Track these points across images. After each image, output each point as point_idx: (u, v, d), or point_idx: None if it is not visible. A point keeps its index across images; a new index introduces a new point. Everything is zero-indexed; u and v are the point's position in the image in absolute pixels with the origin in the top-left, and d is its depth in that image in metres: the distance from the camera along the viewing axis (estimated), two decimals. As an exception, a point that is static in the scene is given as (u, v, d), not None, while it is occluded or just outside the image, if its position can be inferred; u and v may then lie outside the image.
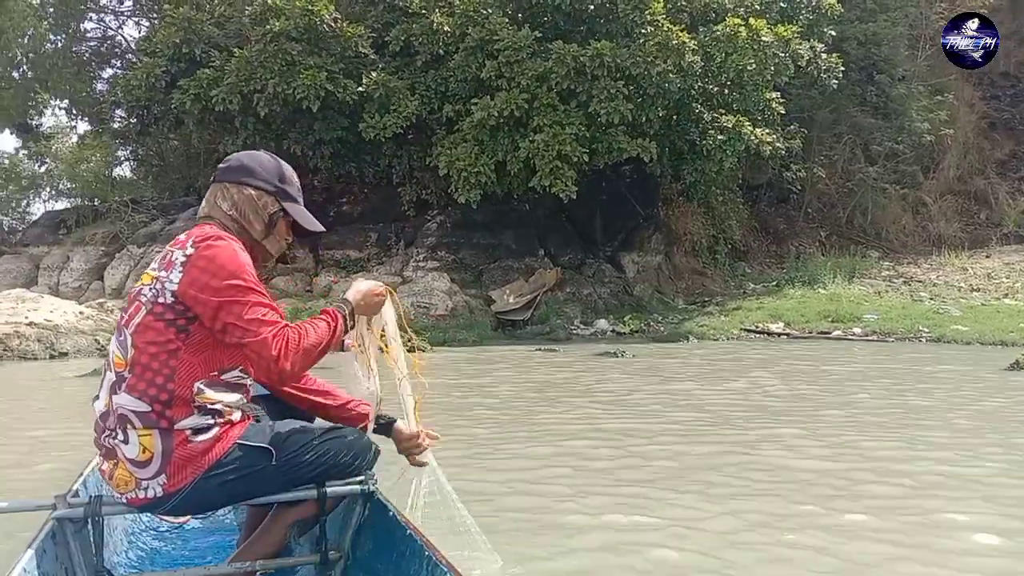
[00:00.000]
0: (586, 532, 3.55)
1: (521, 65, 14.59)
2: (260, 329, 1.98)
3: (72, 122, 23.40)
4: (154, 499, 2.08)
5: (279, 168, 2.35)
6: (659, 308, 16.64)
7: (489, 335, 14.28)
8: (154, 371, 2.05)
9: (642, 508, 3.91)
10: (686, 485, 4.36)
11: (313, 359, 2.07)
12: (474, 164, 14.76)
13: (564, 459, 5.07)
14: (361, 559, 2.39)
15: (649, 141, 14.77)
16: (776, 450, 5.30)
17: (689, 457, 5.12)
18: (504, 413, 6.90)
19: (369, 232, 18.41)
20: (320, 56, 15.47)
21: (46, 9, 20.20)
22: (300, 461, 2.18)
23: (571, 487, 4.33)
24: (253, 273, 2.12)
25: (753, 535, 3.52)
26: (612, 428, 6.13)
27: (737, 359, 11.16)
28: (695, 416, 6.68)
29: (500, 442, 5.65)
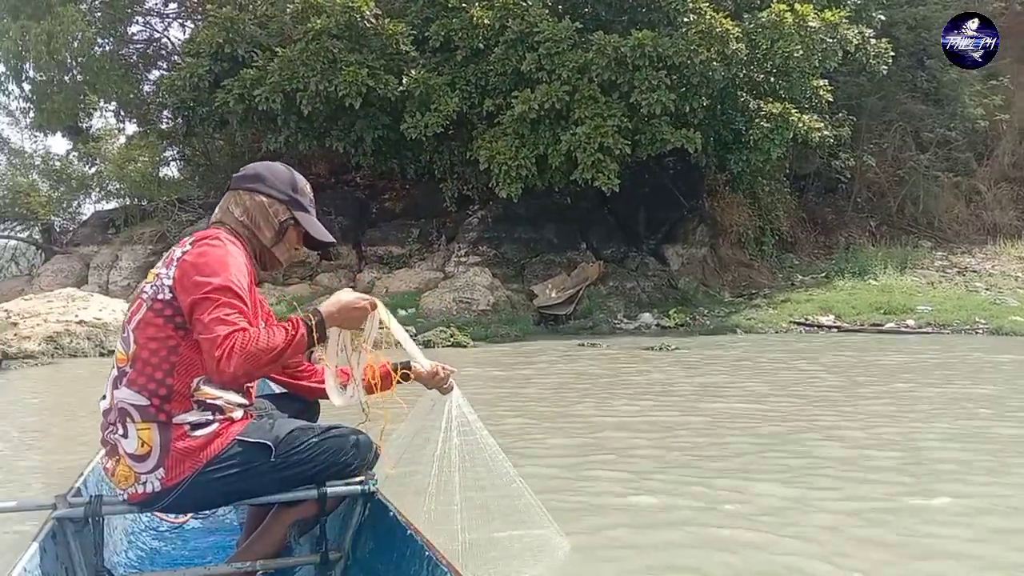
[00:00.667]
0: (656, 517, 3.61)
1: (562, 57, 14.44)
2: (216, 328, 1.95)
3: (120, 124, 23.79)
4: (152, 494, 2.08)
5: (292, 178, 2.39)
6: (705, 301, 16.37)
7: (531, 330, 14.19)
8: (154, 366, 2.07)
9: (706, 495, 3.92)
10: (746, 473, 4.28)
11: (261, 364, 1.99)
12: (515, 158, 14.65)
13: (623, 450, 4.98)
14: (361, 559, 2.38)
15: (693, 131, 14.51)
16: (842, 448, 5.13)
17: (747, 447, 4.99)
18: (548, 405, 6.81)
19: (411, 228, 18.45)
20: (361, 53, 15.50)
21: (94, 14, 20.56)
22: (299, 459, 2.17)
23: (627, 474, 4.24)
24: (241, 276, 2.10)
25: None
26: (663, 421, 6.00)
27: (789, 352, 10.91)
28: (748, 408, 6.52)
29: (542, 435, 5.55)
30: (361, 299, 2.26)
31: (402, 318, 14.18)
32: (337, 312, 2.19)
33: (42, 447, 5.88)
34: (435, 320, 14.00)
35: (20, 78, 20.15)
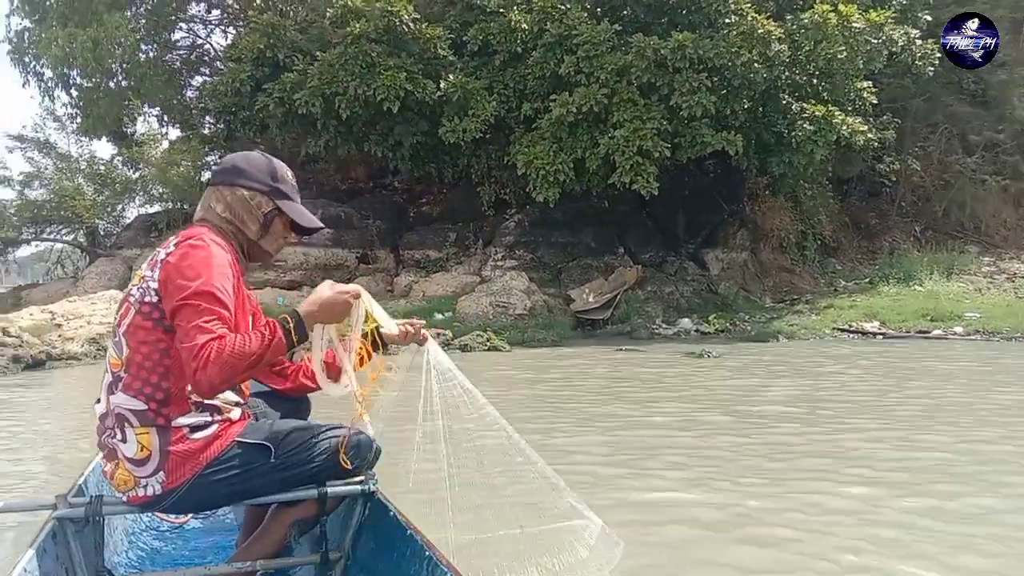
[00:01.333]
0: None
1: (600, 59, 14.34)
2: (196, 337, 1.92)
3: (163, 129, 24.18)
4: (153, 497, 2.07)
5: (272, 167, 2.31)
6: (745, 307, 16.13)
7: (568, 335, 14.06)
8: (148, 370, 2.04)
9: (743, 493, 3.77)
10: (777, 473, 4.16)
11: (238, 371, 1.95)
12: (552, 162, 14.58)
13: (666, 450, 4.86)
14: (362, 559, 2.37)
15: (735, 134, 14.31)
16: (890, 450, 4.97)
17: (789, 451, 4.85)
18: (586, 405, 6.71)
19: (448, 232, 18.47)
20: (399, 57, 15.55)
21: (138, 21, 20.92)
22: (299, 459, 2.16)
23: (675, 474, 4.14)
24: (223, 279, 2.05)
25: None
26: (705, 420, 5.87)
27: (833, 359, 10.66)
28: (792, 411, 6.36)
29: (578, 432, 5.46)
30: (343, 292, 2.17)
31: (439, 322, 14.24)
32: (318, 310, 2.12)
33: (60, 445, 5.93)
34: (472, 324, 13.96)
35: (67, 84, 20.56)
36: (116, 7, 19.39)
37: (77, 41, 18.13)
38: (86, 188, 22.52)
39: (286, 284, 16.70)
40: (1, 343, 11.05)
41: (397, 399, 2.34)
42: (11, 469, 5.13)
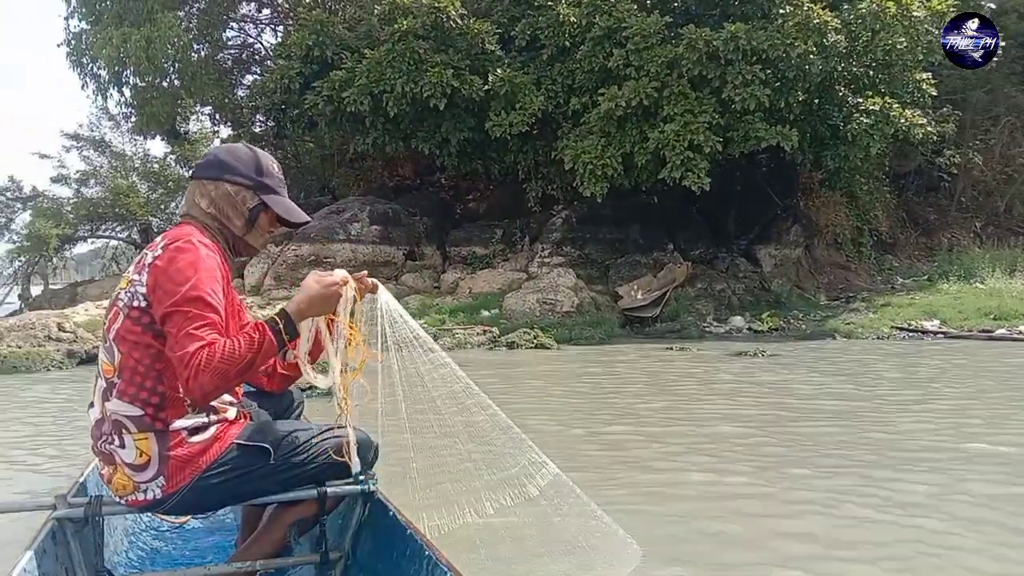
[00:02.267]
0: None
1: (650, 52, 14.10)
2: (187, 344, 1.89)
3: (215, 127, 24.56)
4: (153, 501, 2.06)
5: (257, 160, 2.26)
6: (799, 304, 15.75)
7: (616, 332, 13.85)
8: (142, 375, 2.02)
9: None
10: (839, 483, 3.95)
11: (231, 378, 1.92)
12: (600, 157, 14.38)
13: (720, 457, 4.68)
14: (361, 559, 2.38)
15: (789, 128, 13.93)
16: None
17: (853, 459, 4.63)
18: (635, 405, 6.54)
19: (495, 228, 18.38)
20: (447, 53, 15.50)
21: (190, 21, 21.24)
22: (299, 460, 2.15)
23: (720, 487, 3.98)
24: (212, 282, 2.01)
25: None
26: (760, 417, 5.66)
27: (895, 358, 10.30)
28: (853, 408, 6.11)
29: (640, 444, 5.30)
30: (331, 284, 2.12)
31: (485, 318, 14.16)
32: (307, 306, 2.09)
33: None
34: (518, 322, 13.84)
35: (121, 84, 20.94)
36: (169, 7, 19.70)
37: (131, 41, 18.44)
38: (140, 186, 22.99)
39: (334, 281, 16.72)
40: (57, 338, 11.25)
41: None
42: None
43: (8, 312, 19.18)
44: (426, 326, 12.74)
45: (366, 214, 17.65)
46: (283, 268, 17.04)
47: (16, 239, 22.26)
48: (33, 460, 5.25)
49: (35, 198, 22.65)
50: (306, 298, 2.07)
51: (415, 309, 14.86)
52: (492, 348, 12.15)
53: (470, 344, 12.29)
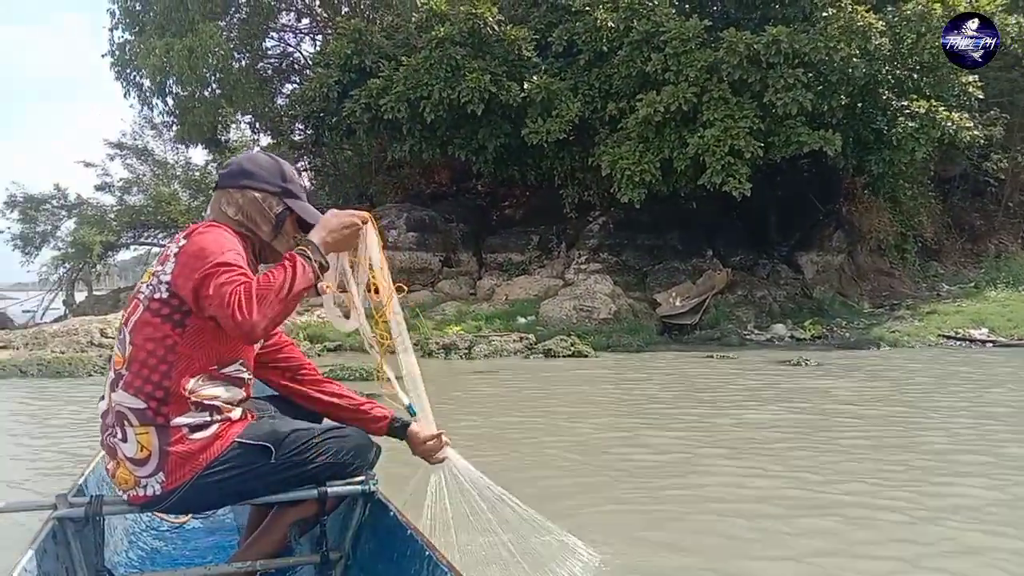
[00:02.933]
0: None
1: (689, 56, 13.95)
2: (222, 290, 1.92)
3: (255, 136, 24.84)
4: (153, 497, 2.07)
5: (280, 167, 2.32)
6: (842, 312, 15.43)
7: (655, 340, 13.67)
8: (151, 368, 2.04)
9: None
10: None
11: (274, 306, 1.92)
12: (638, 162, 14.25)
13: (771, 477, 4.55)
14: (362, 559, 2.37)
15: (832, 133, 13.66)
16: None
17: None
18: (676, 414, 6.41)
19: (531, 235, 18.32)
20: (484, 59, 15.49)
21: (231, 30, 21.52)
22: (300, 460, 2.15)
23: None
24: (236, 254, 2.04)
25: None
26: (810, 428, 5.50)
27: (944, 367, 10.02)
28: (912, 417, 5.92)
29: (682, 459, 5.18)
30: (350, 217, 2.15)
31: (521, 325, 14.08)
32: (328, 236, 2.10)
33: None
34: (555, 328, 13.74)
35: (164, 93, 21.29)
36: (210, 17, 19.98)
37: (173, 51, 18.73)
38: (181, 193, 23.28)
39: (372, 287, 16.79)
40: (99, 343, 11.41)
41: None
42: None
43: (53, 318, 19.55)
44: (462, 333, 12.80)
45: (403, 221, 17.70)
46: (321, 275, 17.11)
47: (61, 246, 22.69)
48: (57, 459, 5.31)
49: (80, 206, 23.07)
50: (325, 227, 2.11)
51: (452, 316, 14.86)
52: (528, 355, 12.07)
53: (506, 351, 12.21)
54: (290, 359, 2.45)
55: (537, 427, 6.33)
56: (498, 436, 5.97)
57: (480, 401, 7.83)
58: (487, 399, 7.97)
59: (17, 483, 4.66)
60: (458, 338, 12.57)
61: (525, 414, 6.95)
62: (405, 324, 2.33)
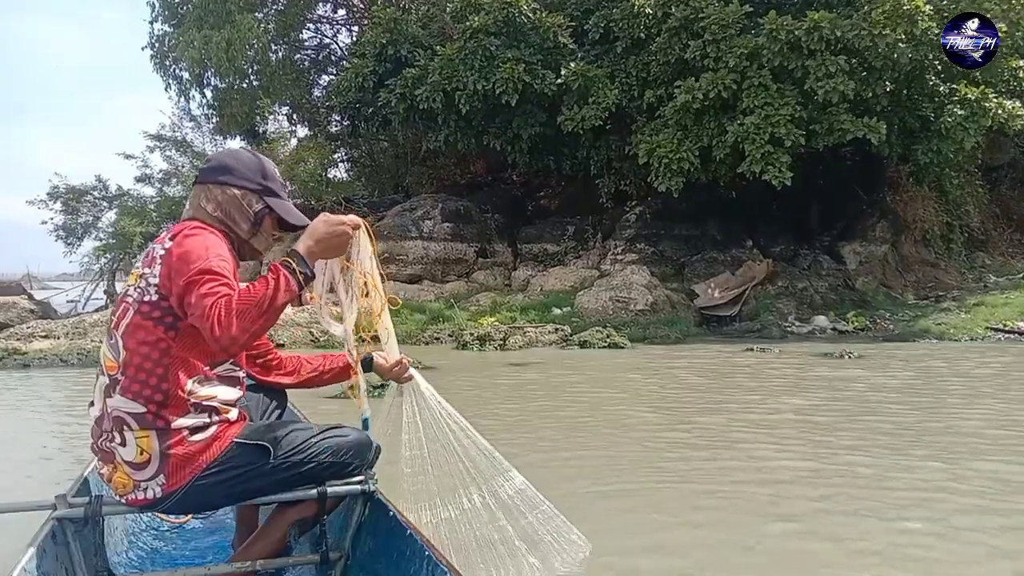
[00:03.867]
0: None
1: (729, 43, 13.67)
2: (202, 303, 1.91)
3: (292, 127, 24.98)
4: (153, 499, 2.07)
5: (261, 165, 2.31)
6: (886, 304, 15.07)
7: (692, 332, 13.47)
8: (147, 371, 2.03)
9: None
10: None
11: (254, 321, 1.90)
12: (676, 151, 14.03)
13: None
14: (362, 559, 2.38)
15: (877, 120, 13.30)
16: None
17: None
18: (713, 406, 6.26)
19: (566, 225, 18.18)
20: (519, 49, 15.35)
21: (268, 22, 21.60)
22: (299, 460, 2.17)
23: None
24: (221, 260, 2.02)
25: None
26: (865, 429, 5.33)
27: (997, 361, 9.69)
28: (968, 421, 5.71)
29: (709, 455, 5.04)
30: (338, 222, 2.10)
31: (557, 317, 13.96)
32: (315, 245, 2.05)
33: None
34: (591, 319, 13.61)
35: (202, 85, 21.45)
36: (248, 9, 20.06)
37: (212, 43, 18.85)
38: (220, 185, 23.38)
39: (407, 278, 16.83)
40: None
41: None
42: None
43: (94, 308, 19.85)
44: (497, 324, 12.71)
45: (438, 211, 17.66)
46: (357, 265, 17.16)
47: (102, 237, 23.00)
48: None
49: (120, 197, 23.35)
50: (312, 235, 2.06)
51: (486, 307, 14.79)
52: (564, 346, 11.95)
53: (541, 343, 12.11)
54: (259, 346, 2.50)
55: (572, 416, 6.22)
56: (529, 425, 5.87)
57: (514, 391, 7.73)
58: (520, 389, 7.87)
59: (54, 476, 4.67)
60: (492, 329, 12.49)
61: (560, 402, 6.85)
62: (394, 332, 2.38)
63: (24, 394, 8.10)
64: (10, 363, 10.13)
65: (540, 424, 6.08)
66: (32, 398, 7.91)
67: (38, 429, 6.23)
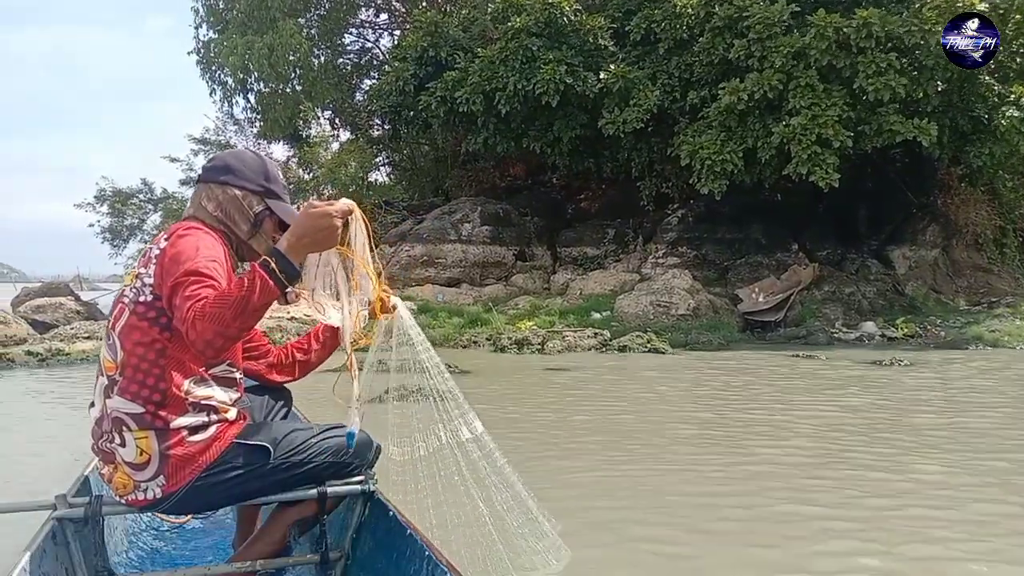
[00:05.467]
0: None
1: (774, 42, 13.38)
2: (184, 304, 1.86)
3: (335, 131, 25.15)
4: (153, 500, 2.06)
5: (264, 166, 2.30)
6: (936, 310, 14.65)
7: (736, 338, 13.18)
8: (144, 372, 2.02)
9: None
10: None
11: (227, 320, 1.80)
12: (720, 152, 13.77)
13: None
14: (361, 559, 2.38)
15: (927, 122, 12.90)
16: None
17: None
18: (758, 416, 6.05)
19: (606, 228, 18.00)
20: (560, 50, 15.23)
21: (311, 27, 21.80)
22: (299, 460, 2.17)
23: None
24: (211, 261, 1.98)
25: None
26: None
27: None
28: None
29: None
30: (323, 214, 1.88)
31: (596, 321, 13.78)
32: (297, 241, 1.87)
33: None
34: (631, 324, 13.40)
35: (246, 90, 21.69)
36: (291, 14, 20.24)
37: (254, 48, 19.04)
38: (262, 188, 23.63)
39: (445, 281, 16.79)
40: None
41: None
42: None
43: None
44: (535, 328, 12.57)
45: (477, 214, 17.60)
46: (396, 268, 17.18)
47: (147, 239, 23.43)
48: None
49: (165, 199, 23.77)
50: (298, 229, 1.88)
51: (524, 310, 14.67)
52: (603, 351, 11.77)
53: (580, 347, 11.94)
54: (251, 339, 2.48)
55: (614, 427, 6.07)
56: (568, 433, 5.73)
57: (552, 396, 7.59)
58: (557, 393, 7.73)
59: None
60: (531, 333, 12.36)
61: (600, 408, 6.69)
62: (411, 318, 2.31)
63: (63, 394, 8.16)
64: (53, 363, 10.25)
65: (580, 435, 5.93)
66: (68, 397, 7.96)
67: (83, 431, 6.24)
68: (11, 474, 4.61)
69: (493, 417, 5.98)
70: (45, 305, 15.46)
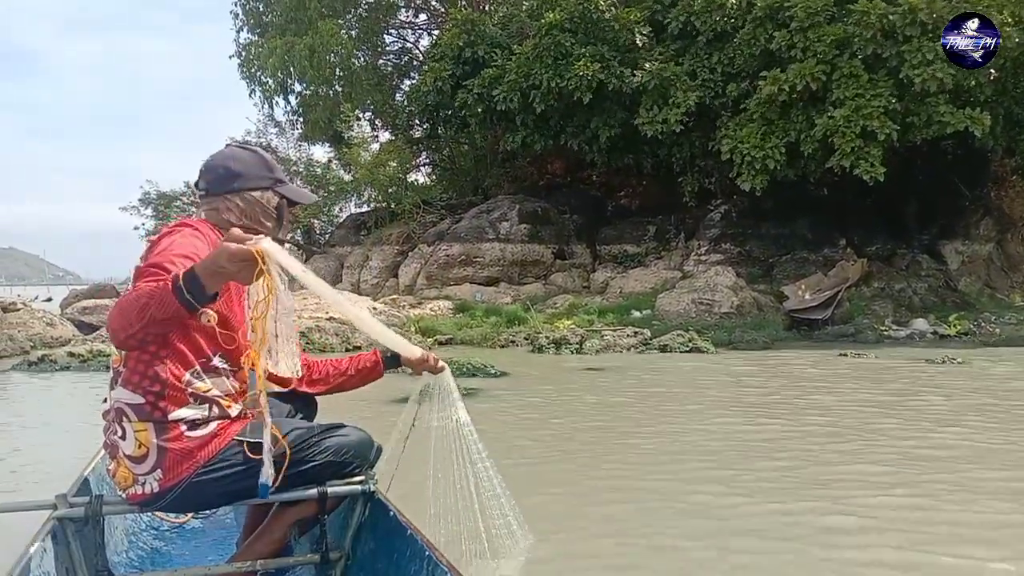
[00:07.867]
0: None
1: (817, 31, 13.04)
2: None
3: (375, 132, 25.23)
4: (151, 495, 2.05)
5: (261, 158, 2.33)
6: (991, 306, 14.13)
7: (781, 336, 12.83)
8: (145, 362, 2.01)
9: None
10: None
11: (131, 321, 1.76)
12: (760, 146, 13.46)
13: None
14: (362, 559, 2.38)
15: (980, 111, 12.43)
16: None
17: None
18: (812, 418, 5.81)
19: (647, 225, 17.76)
20: (594, 45, 15.04)
21: (351, 29, 21.88)
22: (299, 459, 2.14)
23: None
24: (184, 254, 1.93)
25: None
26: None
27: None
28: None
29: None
30: (237, 237, 1.70)
31: (636, 320, 13.55)
32: (212, 263, 1.70)
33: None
34: (672, 323, 13.15)
35: (287, 92, 21.86)
36: (330, 15, 20.34)
37: (295, 50, 19.17)
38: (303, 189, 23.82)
39: (484, 280, 16.71)
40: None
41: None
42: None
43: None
44: (574, 327, 12.40)
45: (515, 213, 17.50)
46: (435, 268, 17.17)
47: (193, 241, 23.80)
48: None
49: (209, 202, 24.08)
50: (210, 259, 1.72)
51: (563, 309, 14.50)
52: (643, 351, 11.54)
53: (619, 346, 11.72)
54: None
55: (662, 430, 5.89)
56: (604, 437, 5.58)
57: (594, 398, 7.43)
58: (600, 396, 7.56)
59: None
60: (569, 332, 12.19)
61: (645, 412, 6.52)
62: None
63: (97, 395, 8.26)
64: (94, 364, 10.41)
65: (626, 441, 5.77)
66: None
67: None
68: (40, 475, 4.61)
69: (527, 438, 5.86)
70: (91, 307, 15.72)
